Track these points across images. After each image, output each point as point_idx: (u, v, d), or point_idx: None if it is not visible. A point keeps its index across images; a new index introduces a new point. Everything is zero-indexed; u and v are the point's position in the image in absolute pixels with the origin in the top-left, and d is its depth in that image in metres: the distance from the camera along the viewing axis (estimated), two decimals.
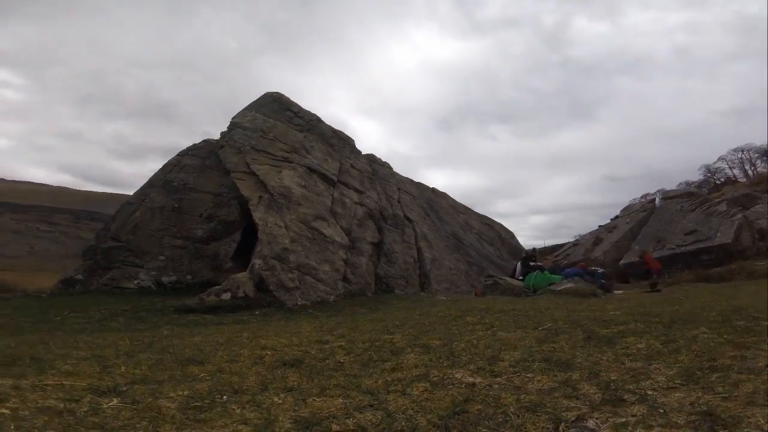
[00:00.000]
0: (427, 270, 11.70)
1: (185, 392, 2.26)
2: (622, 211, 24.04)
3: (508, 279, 11.03)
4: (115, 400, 2.05)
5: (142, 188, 11.92)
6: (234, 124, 11.95)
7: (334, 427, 1.85)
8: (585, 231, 26.32)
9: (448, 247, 13.74)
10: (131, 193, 12.39)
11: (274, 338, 4.02)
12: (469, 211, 19.62)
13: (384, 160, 15.99)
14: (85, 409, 1.87)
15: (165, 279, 10.01)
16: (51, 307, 7.36)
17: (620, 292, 10.27)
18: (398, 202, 13.90)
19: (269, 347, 3.54)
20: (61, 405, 1.88)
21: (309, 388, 2.40)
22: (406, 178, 16.89)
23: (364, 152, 15.20)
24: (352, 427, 1.84)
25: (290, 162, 11.33)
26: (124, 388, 2.27)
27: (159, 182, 11.87)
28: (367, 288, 10.02)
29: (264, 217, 9.58)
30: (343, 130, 14.74)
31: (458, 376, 2.47)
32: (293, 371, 2.79)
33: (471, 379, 2.40)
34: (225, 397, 2.24)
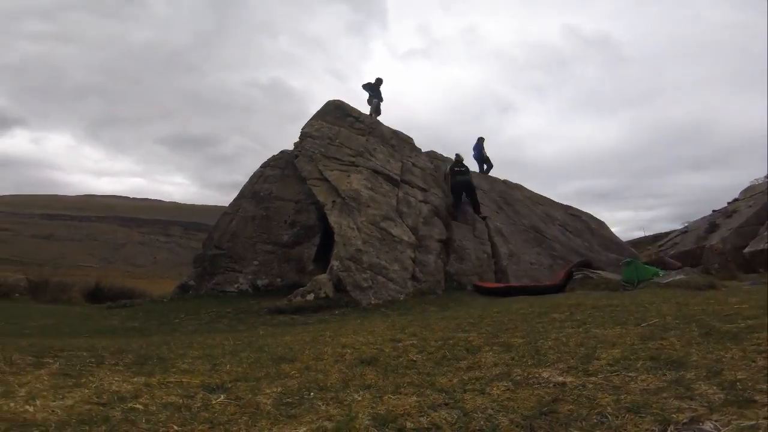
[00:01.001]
0: (504, 266, 11.22)
1: (279, 389, 2.43)
2: (741, 193, 20.51)
3: (602, 272, 10.12)
4: (222, 397, 2.27)
5: (236, 199, 13.09)
6: (304, 134, 12.69)
7: (409, 424, 1.85)
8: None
9: (527, 241, 13.00)
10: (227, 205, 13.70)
11: (352, 337, 4.15)
12: (550, 202, 18.32)
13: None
14: (198, 405, 2.11)
15: (259, 282, 10.98)
16: (171, 310, 8.49)
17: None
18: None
19: (348, 345, 3.66)
20: (180, 401, 2.14)
21: (385, 385, 2.44)
22: (473, 171, 16.40)
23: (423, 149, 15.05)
24: (426, 425, 1.82)
25: (356, 165, 11.69)
26: (229, 385, 2.50)
27: (249, 193, 12.96)
28: (436, 286, 9.94)
29: (338, 220, 10.02)
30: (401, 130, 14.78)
31: (545, 375, 2.34)
32: (370, 369, 2.85)
33: (560, 378, 2.25)
34: (312, 393, 2.35)
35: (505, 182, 17.82)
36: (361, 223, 9.98)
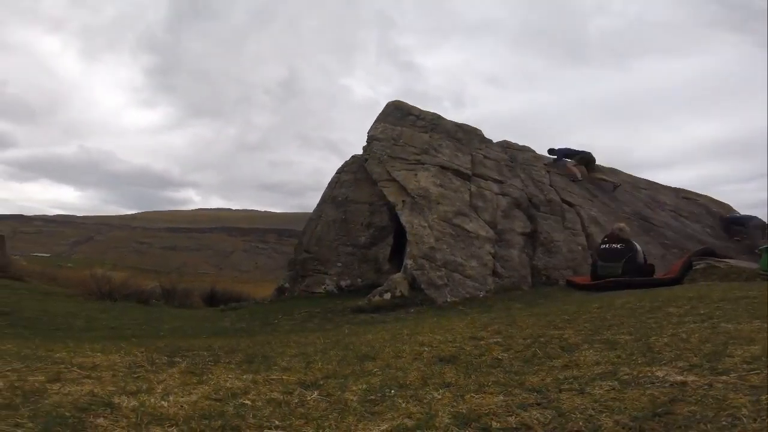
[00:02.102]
0: None
1: (363, 386, 2.54)
2: None
3: (731, 261, 8.77)
4: (315, 393, 2.44)
5: (319, 204, 13.85)
6: (371, 137, 12.96)
7: (494, 424, 1.79)
8: None
9: (631, 229, 11.80)
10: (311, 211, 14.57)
11: (429, 335, 4.12)
12: (656, 186, 16.22)
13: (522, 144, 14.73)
14: (296, 401, 2.30)
15: (342, 283, 11.55)
16: (270, 311, 9.31)
17: None
18: (551, 186, 12.56)
19: (426, 344, 3.66)
20: (281, 397, 2.36)
21: (466, 384, 2.40)
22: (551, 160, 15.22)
23: (495, 140, 14.36)
24: (514, 425, 1.76)
25: (422, 164, 11.61)
26: (321, 383, 2.67)
27: (328, 198, 13.64)
28: (521, 281, 9.46)
29: (410, 219, 10.07)
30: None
31: (660, 374, 2.12)
32: (450, 367, 2.82)
33: (680, 378, 2.03)
34: (393, 391, 2.40)
35: (598, 167, 16.14)
36: (433, 220, 9.91)
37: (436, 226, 9.82)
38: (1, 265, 11.38)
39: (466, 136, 13.40)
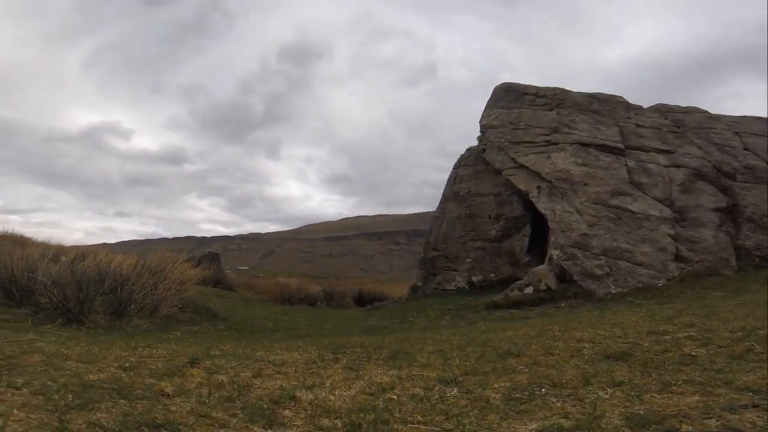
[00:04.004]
0: None
1: (507, 384, 2.48)
2: None
3: None
4: (455, 390, 2.47)
5: (441, 202, 13.97)
6: (484, 127, 12.33)
7: (685, 427, 1.58)
8: None
9: None
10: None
11: (589, 330, 3.78)
12: None
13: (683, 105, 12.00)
14: (436, 397, 2.38)
15: (474, 279, 11.35)
16: (406, 309, 9.73)
17: None
18: (744, 149, 10.06)
19: (586, 340, 3.38)
20: (422, 393, 2.46)
21: (645, 383, 2.16)
22: (744, 116, 11.93)
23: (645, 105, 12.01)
24: (715, 429, 1.53)
25: (555, 144, 10.50)
26: (461, 379, 2.69)
27: (450, 195, 13.62)
28: (720, 265, 7.84)
29: (549, 206, 9.25)
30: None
31: None
32: (620, 365, 2.57)
33: None
34: (544, 389, 2.29)
35: None
36: (581, 204, 8.91)
37: (588, 210, 8.82)
38: (218, 279, 14.59)
39: (605, 106, 11.61)
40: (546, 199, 9.43)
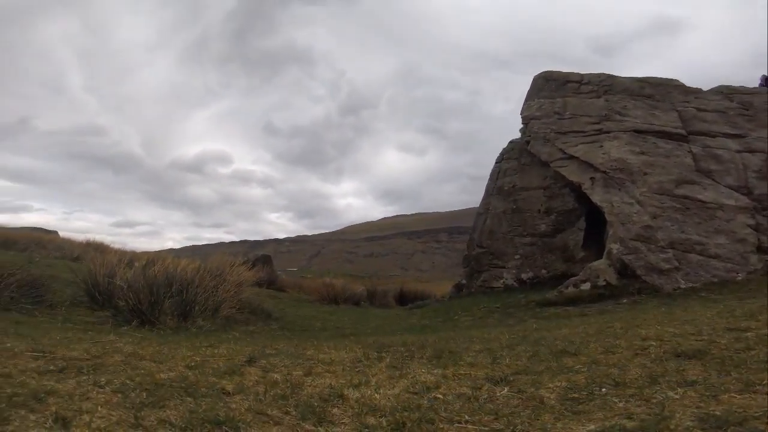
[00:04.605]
0: None
1: (563, 383, 2.34)
2: None
3: None
4: (505, 389, 2.37)
5: (484, 198, 13.48)
6: (526, 118, 11.71)
7: None
8: None
9: None
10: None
11: (656, 327, 3.54)
12: None
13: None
14: (485, 396, 2.28)
15: (523, 275, 10.85)
16: (450, 308, 9.53)
17: None
18: None
19: (651, 337, 3.15)
20: (469, 392, 2.38)
21: (723, 383, 2.00)
22: None
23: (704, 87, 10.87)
24: None
25: (606, 132, 9.79)
26: (511, 378, 2.57)
27: (493, 190, 13.13)
28: None
29: (606, 198, 8.66)
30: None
31: None
32: (693, 363, 2.38)
33: None
34: (604, 389, 2.16)
35: None
36: (642, 194, 8.29)
37: (650, 201, 8.19)
38: (271, 280, 15.19)
39: (659, 90, 10.64)
40: (601, 191, 8.83)
